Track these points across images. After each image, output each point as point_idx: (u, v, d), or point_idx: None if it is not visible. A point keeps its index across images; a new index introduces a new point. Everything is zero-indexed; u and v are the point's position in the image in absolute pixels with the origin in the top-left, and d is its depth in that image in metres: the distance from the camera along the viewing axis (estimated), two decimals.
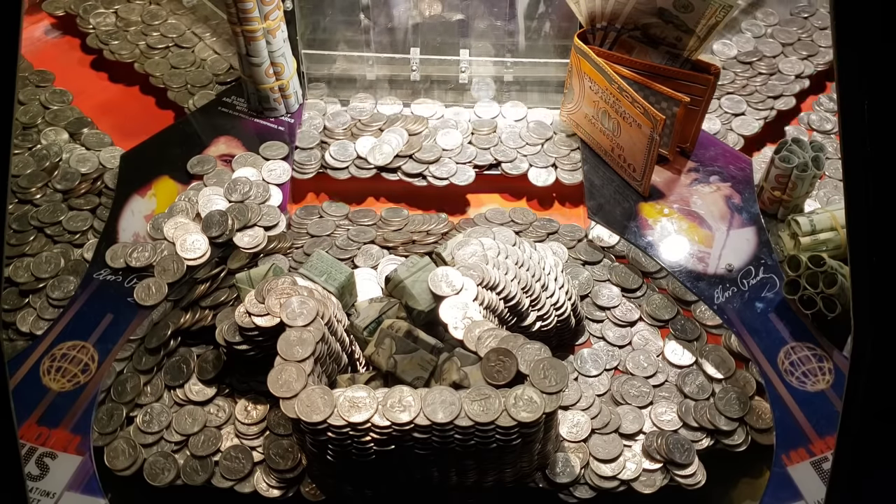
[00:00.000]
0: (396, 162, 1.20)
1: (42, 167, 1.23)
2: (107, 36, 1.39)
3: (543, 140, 1.24)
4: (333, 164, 1.20)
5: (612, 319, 1.09)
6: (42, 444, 0.94)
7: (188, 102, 1.29)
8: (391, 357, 0.89)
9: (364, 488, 0.94)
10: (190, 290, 1.07)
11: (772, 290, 1.06)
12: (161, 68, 1.34)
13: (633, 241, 1.11)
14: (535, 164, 1.21)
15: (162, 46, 1.37)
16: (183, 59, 1.36)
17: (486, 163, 1.21)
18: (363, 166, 1.20)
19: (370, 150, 1.21)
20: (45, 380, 0.98)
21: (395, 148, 1.21)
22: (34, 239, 1.15)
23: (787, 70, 1.34)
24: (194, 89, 1.31)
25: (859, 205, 0.64)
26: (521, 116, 1.27)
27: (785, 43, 1.38)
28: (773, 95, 1.31)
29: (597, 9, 1.13)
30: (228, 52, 1.36)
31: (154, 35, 1.39)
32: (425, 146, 1.22)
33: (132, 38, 1.39)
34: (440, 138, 1.23)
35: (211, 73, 1.34)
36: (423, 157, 1.21)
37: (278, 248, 1.13)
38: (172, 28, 1.40)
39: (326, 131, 1.24)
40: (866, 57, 0.61)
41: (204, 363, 1.02)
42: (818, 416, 0.96)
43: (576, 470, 0.95)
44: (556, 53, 1.28)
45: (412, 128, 1.24)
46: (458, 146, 1.22)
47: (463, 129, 1.25)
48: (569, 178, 1.20)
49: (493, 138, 1.24)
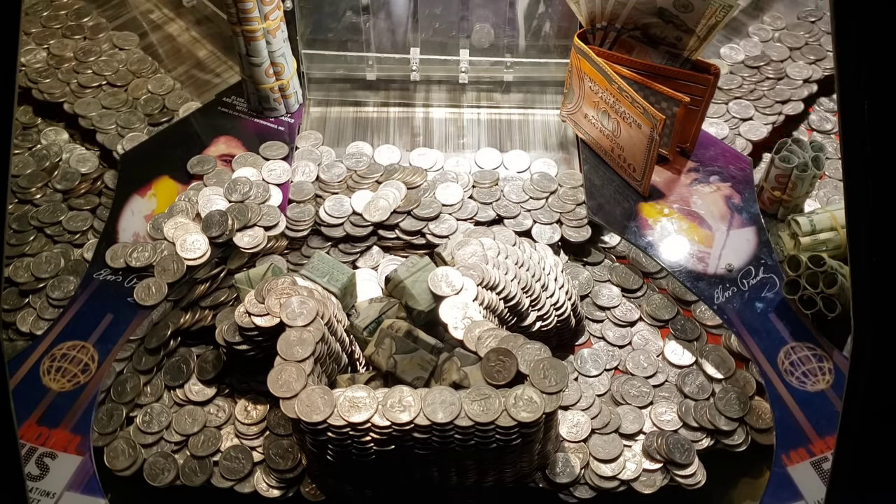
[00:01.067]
0: (394, 218, 1.14)
1: (42, 167, 1.23)
2: (36, 74, 1.32)
3: (548, 193, 1.18)
4: (328, 221, 1.14)
5: (612, 319, 1.09)
6: (42, 444, 0.94)
7: (117, 146, 1.23)
8: (391, 357, 0.89)
9: (364, 488, 0.94)
10: (190, 291, 1.07)
11: (772, 290, 1.06)
12: (92, 108, 1.28)
13: (633, 241, 1.11)
14: (539, 220, 1.15)
15: (94, 85, 1.31)
16: (115, 98, 1.29)
17: (488, 219, 1.15)
18: (359, 223, 1.14)
19: (366, 206, 1.14)
20: (45, 380, 0.98)
21: (393, 203, 1.15)
22: (34, 239, 1.15)
23: (794, 74, 1.33)
24: (124, 131, 1.25)
25: (859, 205, 0.64)
26: (525, 168, 1.22)
27: (792, 47, 1.37)
28: (781, 100, 1.30)
29: (597, 9, 1.13)
30: (165, 88, 1.30)
31: (87, 73, 1.32)
32: (424, 201, 1.15)
33: (63, 76, 1.32)
34: (440, 193, 1.17)
35: (143, 113, 1.27)
36: (422, 214, 1.14)
37: (276, 248, 1.13)
38: (106, 65, 1.33)
39: (321, 183, 1.19)
40: (866, 57, 0.61)
41: (204, 363, 1.02)
42: (818, 416, 0.96)
43: (576, 470, 0.95)
44: (556, 53, 1.28)
45: (410, 180, 1.18)
46: (458, 201, 1.16)
47: (463, 182, 1.18)
48: (575, 236, 1.14)
49: (496, 192, 1.17)
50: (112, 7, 1.44)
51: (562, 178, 1.20)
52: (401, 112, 1.30)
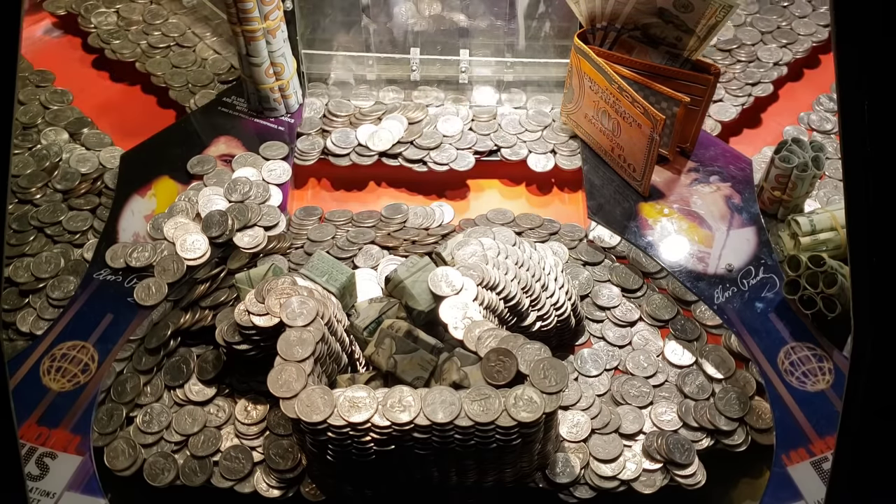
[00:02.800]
0: (397, 148, 1.21)
1: (42, 167, 1.23)
2: (108, 35, 1.39)
3: (542, 127, 1.25)
4: (335, 151, 1.21)
5: (611, 319, 1.09)
6: (42, 444, 0.94)
7: (189, 102, 1.30)
8: (391, 357, 0.89)
9: (364, 488, 0.94)
10: (190, 291, 1.07)
11: (772, 290, 1.06)
12: (162, 67, 1.34)
13: (633, 241, 1.11)
14: (534, 150, 1.23)
15: (163, 46, 1.37)
16: (184, 58, 1.36)
17: (486, 149, 1.22)
18: (364, 153, 1.21)
19: (370, 136, 1.22)
20: (45, 380, 0.98)
21: (396, 135, 1.22)
22: (34, 239, 1.15)
23: (765, 58, 1.36)
24: (196, 89, 1.32)
25: (859, 205, 0.64)
26: (521, 104, 1.29)
27: (764, 31, 1.39)
28: (752, 82, 1.32)
29: (597, 9, 1.13)
30: (228, 51, 1.36)
31: (155, 34, 1.39)
32: (426, 133, 1.23)
33: (133, 37, 1.39)
34: (441, 125, 1.24)
35: (212, 72, 1.34)
36: (424, 144, 1.22)
37: (278, 249, 1.13)
38: (174, 27, 1.40)
39: (327, 119, 1.25)
40: (866, 57, 0.61)
41: (204, 363, 1.02)
42: (818, 416, 0.96)
43: (576, 470, 0.95)
44: (556, 53, 1.28)
45: (412, 115, 1.25)
46: (458, 132, 1.24)
47: (463, 116, 1.26)
48: (567, 164, 1.22)
49: (493, 125, 1.25)
50: None
51: (556, 113, 1.26)
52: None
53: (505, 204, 1.23)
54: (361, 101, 1.28)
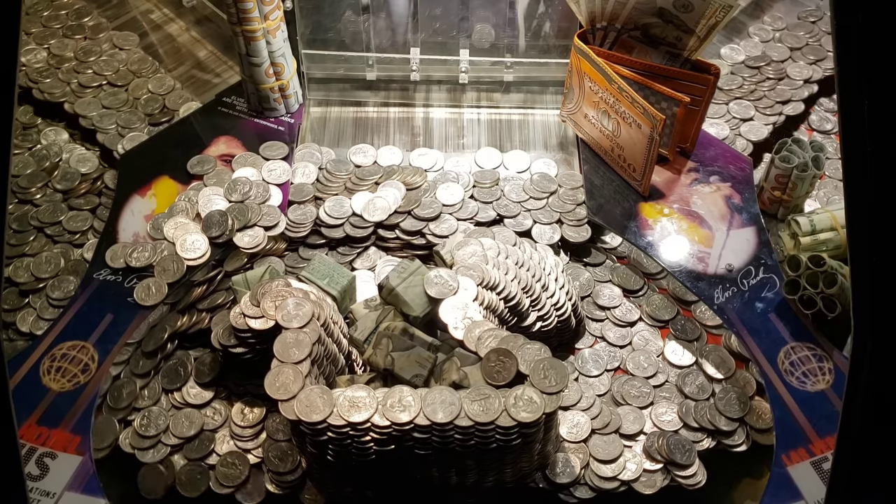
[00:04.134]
0: (394, 218, 1.14)
1: (42, 167, 1.23)
2: (37, 74, 1.32)
3: (548, 194, 1.18)
4: (328, 222, 1.14)
5: (612, 319, 1.09)
6: (42, 444, 0.94)
7: (117, 146, 1.23)
8: (388, 355, 0.89)
9: (364, 489, 0.94)
10: (186, 293, 1.07)
11: (772, 290, 1.06)
12: (92, 108, 1.27)
13: (633, 241, 1.11)
14: (539, 220, 1.15)
15: (95, 85, 1.31)
16: (115, 97, 1.29)
17: (489, 219, 1.15)
18: (359, 224, 1.14)
19: (366, 206, 1.14)
20: (45, 380, 0.98)
21: (393, 203, 1.15)
22: (34, 239, 1.15)
23: (795, 75, 1.33)
24: (125, 131, 1.24)
25: (859, 205, 0.64)
26: (525, 168, 1.22)
27: (793, 47, 1.37)
28: (782, 101, 1.30)
29: (597, 9, 1.13)
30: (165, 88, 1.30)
31: (87, 73, 1.32)
32: (424, 202, 1.15)
33: (63, 76, 1.32)
34: (440, 193, 1.17)
35: (143, 112, 1.27)
36: (422, 214, 1.14)
37: (276, 250, 1.13)
38: (107, 65, 1.33)
39: (320, 185, 1.18)
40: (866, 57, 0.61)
41: (201, 366, 1.02)
42: (818, 416, 0.96)
43: (576, 470, 0.95)
44: (556, 53, 1.28)
45: (410, 181, 1.17)
46: (458, 201, 1.16)
47: (464, 182, 1.18)
48: (574, 236, 1.14)
49: (496, 192, 1.17)
50: (112, 7, 1.44)
51: (562, 178, 1.20)
52: (401, 112, 1.30)
53: None
54: (359, 158, 1.22)
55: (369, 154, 1.22)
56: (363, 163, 1.21)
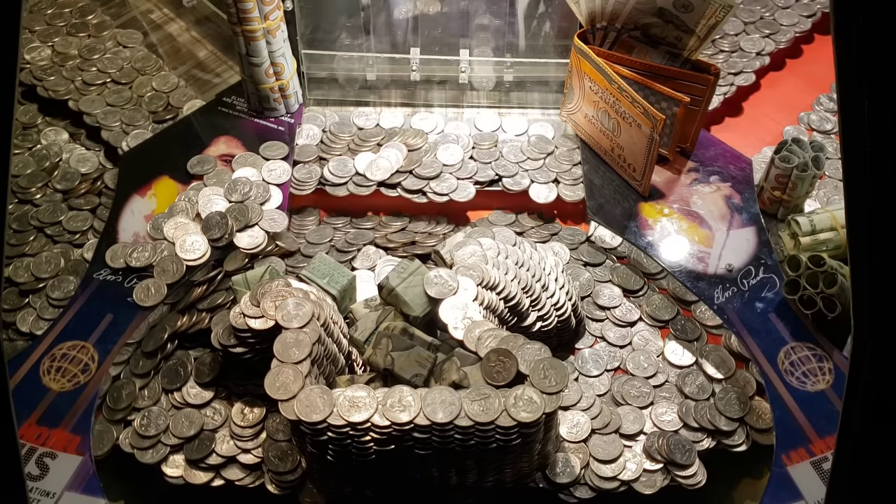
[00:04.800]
0: (396, 178, 1.18)
1: (42, 167, 1.23)
2: (41, 71, 1.32)
3: (545, 155, 1.22)
4: (332, 180, 1.18)
5: (612, 319, 1.09)
6: (42, 444, 0.94)
7: (122, 143, 1.23)
8: (388, 354, 0.89)
9: (364, 489, 0.94)
10: (186, 293, 1.07)
11: (772, 290, 1.06)
12: (96, 105, 1.28)
13: (633, 241, 1.11)
14: (536, 179, 1.19)
15: (99, 83, 1.31)
16: (119, 95, 1.30)
17: (487, 178, 1.19)
18: (362, 183, 1.18)
19: (368, 165, 1.19)
20: (45, 380, 0.98)
21: (395, 164, 1.19)
22: (34, 239, 1.15)
23: (748, 48, 1.37)
24: (129, 128, 1.25)
25: (859, 205, 0.64)
26: (523, 131, 1.25)
27: (747, 21, 1.41)
28: (734, 72, 1.33)
29: (597, 9, 1.13)
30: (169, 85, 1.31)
31: (91, 70, 1.32)
32: (425, 161, 1.19)
33: (68, 73, 1.32)
34: (440, 153, 1.21)
35: (147, 110, 1.28)
36: (423, 173, 1.18)
37: (276, 250, 1.13)
38: (111, 63, 1.34)
39: (324, 146, 1.22)
40: (866, 57, 0.61)
41: (201, 366, 1.02)
42: (818, 416, 0.96)
43: (576, 470, 0.95)
44: (556, 53, 1.28)
45: (411, 142, 1.21)
46: (458, 161, 1.20)
47: (464, 143, 1.22)
48: (570, 195, 1.18)
49: (494, 153, 1.22)
50: (116, 5, 1.44)
51: (558, 140, 1.24)
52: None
53: None
54: (361, 121, 1.25)
55: (371, 117, 1.26)
56: (365, 125, 1.25)
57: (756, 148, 1.26)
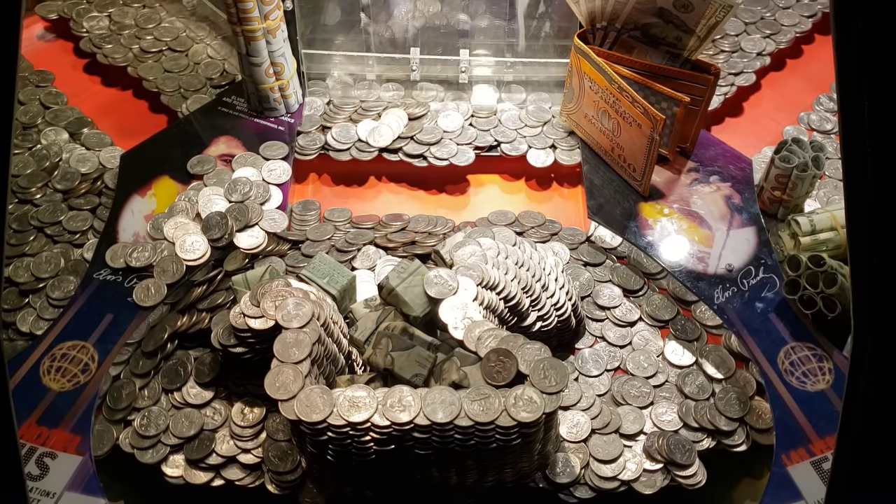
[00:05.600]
0: (397, 144, 1.22)
1: (42, 167, 1.23)
2: (100, 39, 1.38)
3: (542, 123, 1.26)
4: (335, 146, 1.22)
5: (612, 319, 1.09)
6: (42, 444, 0.94)
7: (181, 106, 1.28)
8: (388, 354, 0.89)
9: (364, 489, 0.94)
10: (186, 293, 1.07)
11: (772, 290, 1.06)
12: (154, 72, 1.33)
13: (633, 241, 1.11)
14: (533, 145, 1.23)
15: (155, 50, 1.36)
16: (176, 62, 1.35)
17: (486, 144, 1.23)
18: (364, 148, 1.22)
19: (371, 132, 1.22)
20: (45, 380, 0.98)
21: (396, 130, 1.23)
22: (34, 239, 1.15)
23: (749, 48, 1.37)
24: (188, 93, 1.30)
25: (859, 205, 0.64)
26: (521, 100, 1.30)
27: (748, 22, 1.41)
28: (735, 72, 1.34)
29: (597, 9, 1.13)
30: (223, 53, 1.36)
31: (147, 39, 1.38)
32: (426, 128, 1.24)
33: (125, 41, 1.38)
34: (441, 120, 1.25)
35: (204, 76, 1.33)
36: (424, 139, 1.22)
37: (277, 251, 1.13)
38: (166, 31, 1.39)
39: (328, 115, 1.26)
40: (866, 57, 0.61)
41: (201, 366, 1.02)
42: (818, 416, 0.96)
43: (576, 470, 0.95)
44: (556, 53, 1.28)
45: (413, 111, 1.26)
46: (458, 128, 1.24)
47: (463, 111, 1.27)
48: (567, 159, 1.22)
49: (493, 121, 1.26)
50: None
51: (555, 110, 1.27)
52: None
53: (505, 199, 1.23)
54: (364, 93, 1.29)
55: (373, 89, 1.30)
56: (367, 97, 1.29)
57: (756, 148, 1.26)
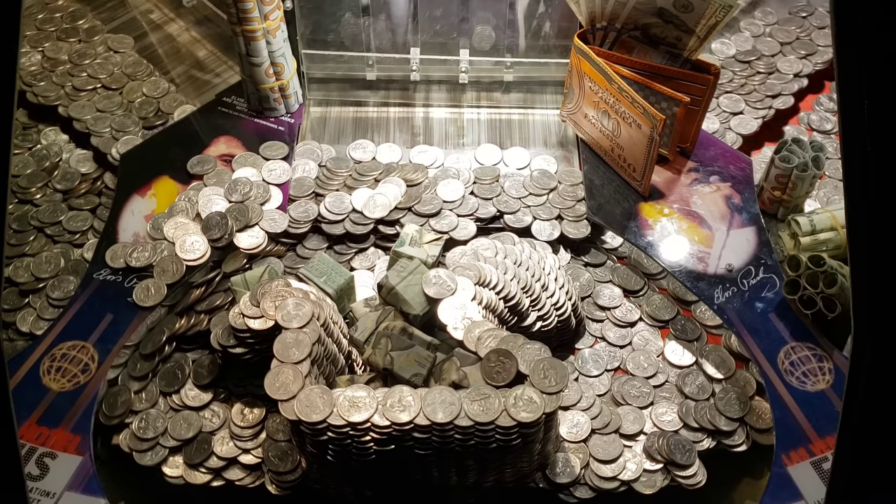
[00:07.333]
0: (395, 215, 1.14)
1: (42, 167, 1.23)
2: (31, 77, 1.31)
3: (548, 190, 1.18)
4: (329, 218, 1.14)
5: (612, 320, 1.09)
6: (42, 444, 0.94)
7: (111, 149, 1.22)
8: (387, 354, 0.89)
9: (364, 489, 0.94)
10: (185, 295, 1.07)
11: (772, 290, 1.06)
12: (86, 112, 1.27)
13: (633, 241, 1.11)
14: (538, 216, 1.15)
15: (89, 88, 1.30)
16: (110, 101, 1.28)
17: (489, 215, 1.15)
18: (360, 220, 1.14)
19: (366, 202, 1.14)
20: (45, 380, 0.98)
21: (393, 200, 1.15)
22: (34, 239, 1.15)
23: (785, 69, 1.34)
24: (118, 135, 1.24)
25: (859, 205, 0.64)
26: (525, 164, 1.22)
27: (783, 42, 1.38)
28: (772, 94, 1.31)
29: (597, 9, 1.13)
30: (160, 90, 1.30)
31: (82, 76, 1.31)
32: (424, 198, 1.15)
33: (58, 79, 1.31)
34: (440, 189, 1.17)
35: (138, 116, 1.26)
36: (423, 210, 1.14)
37: (276, 251, 1.13)
38: (101, 68, 1.32)
39: (321, 181, 1.18)
40: (866, 57, 0.61)
41: (199, 368, 1.01)
42: (818, 416, 0.96)
43: (576, 470, 0.95)
44: (556, 53, 1.28)
45: (411, 178, 1.17)
46: (458, 198, 1.16)
47: (464, 178, 1.18)
48: (574, 233, 1.14)
49: (496, 188, 1.17)
50: (107, 10, 1.43)
51: (561, 175, 1.20)
52: (401, 112, 1.30)
53: None
54: (359, 154, 1.23)
55: (369, 150, 1.23)
56: (363, 158, 1.22)
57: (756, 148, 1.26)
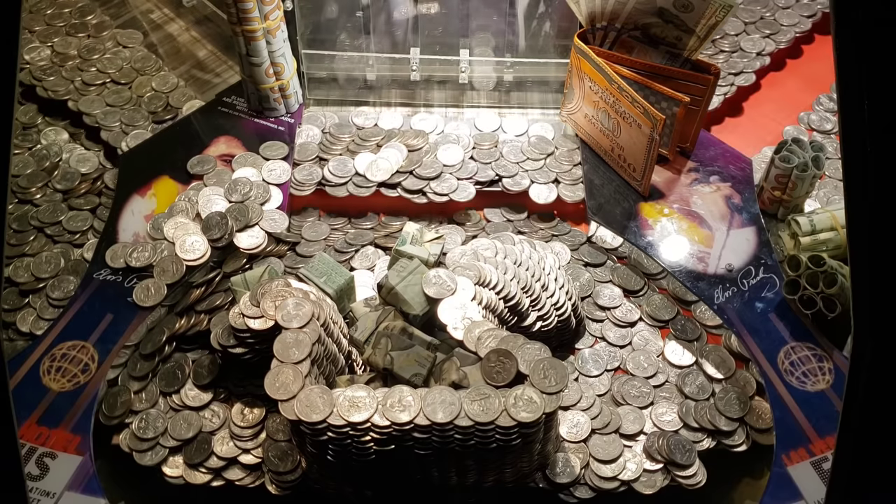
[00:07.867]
0: (396, 178, 1.18)
1: (42, 167, 1.23)
2: (41, 72, 1.32)
3: (545, 155, 1.21)
4: (332, 181, 1.18)
5: (612, 320, 1.09)
6: (42, 444, 0.94)
7: (121, 143, 1.23)
8: (387, 354, 0.89)
9: (364, 489, 0.94)
10: (185, 295, 1.07)
11: (772, 290, 1.05)
12: (96, 106, 1.28)
13: (633, 241, 1.11)
14: (536, 180, 1.18)
15: (98, 83, 1.31)
16: (119, 96, 1.29)
17: (487, 178, 1.18)
18: (362, 183, 1.17)
19: (369, 166, 1.18)
20: (45, 380, 0.98)
21: (395, 164, 1.18)
22: (34, 239, 1.15)
23: (748, 48, 1.37)
24: (128, 129, 1.25)
25: (859, 205, 0.64)
26: (523, 131, 1.25)
27: (748, 21, 1.41)
28: (734, 72, 1.33)
29: (597, 9, 1.13)
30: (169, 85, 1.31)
31: (91, 71, 1.32)
32: (425, 162, 1.19)
33: (67, 74, 1.32)
34: (441, 153, 1.20)
35: (147, 110, 1.27)
36: (424, 174, 1.18)
37: (276, 251, 1.13)
38: (110, 63, 1.33)
39: (324, 146, 1.22)
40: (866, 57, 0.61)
41: (199, 368, 1.01)
42: (818, 416, 0.96)
43: (576, 470, 0.95)
44: (556, 53, 1.28)
45: (412, 143, 1.21)
46: (458, 162, 1.19)
47: (464, 144, 1.22)
48: (570, 195, 1.17)
49: (495, 153, 1.21)
50: (115, 5, 1.44)
51: (558, 140, 1.24)
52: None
53: None
54: (361, 120, 1.25)
55: (371, 117, 1.26)
56: (365, 125, 1.25)
57: (756, 148, 1.26)
